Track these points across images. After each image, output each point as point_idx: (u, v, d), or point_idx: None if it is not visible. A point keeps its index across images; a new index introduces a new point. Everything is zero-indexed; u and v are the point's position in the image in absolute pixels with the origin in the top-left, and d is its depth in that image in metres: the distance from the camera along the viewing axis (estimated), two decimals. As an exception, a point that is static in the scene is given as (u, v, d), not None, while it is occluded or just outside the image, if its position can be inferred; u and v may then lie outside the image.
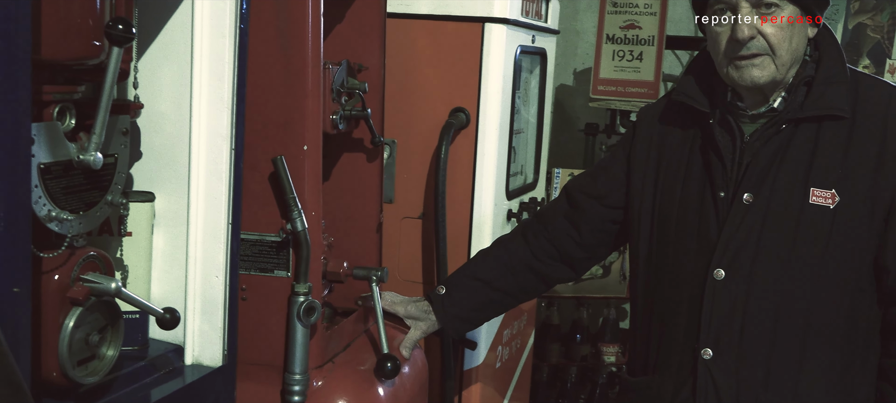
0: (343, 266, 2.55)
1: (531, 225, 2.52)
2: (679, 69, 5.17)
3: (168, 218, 1.93)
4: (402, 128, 3.14)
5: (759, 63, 1.97)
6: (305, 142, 2.26)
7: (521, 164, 3.53)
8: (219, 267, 1.91)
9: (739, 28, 1.94)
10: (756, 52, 1.97)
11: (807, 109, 1.99)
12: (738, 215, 2.01)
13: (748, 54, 1.97)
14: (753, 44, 1.96)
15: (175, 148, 1.90)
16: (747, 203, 2.01)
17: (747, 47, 1.96)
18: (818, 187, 1.95)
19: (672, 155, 2.19)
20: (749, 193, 2.01)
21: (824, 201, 1.94)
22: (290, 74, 2.24)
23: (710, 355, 2.04)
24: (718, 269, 2.02)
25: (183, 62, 1.85)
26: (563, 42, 5.29)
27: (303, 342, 2.28)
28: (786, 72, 2.00)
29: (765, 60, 1.97)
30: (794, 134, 2.00)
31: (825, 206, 1.94)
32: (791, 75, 2.03)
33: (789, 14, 1.94)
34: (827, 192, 1.94)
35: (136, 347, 1.90)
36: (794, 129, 2.00)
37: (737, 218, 2.01)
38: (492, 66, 3.04)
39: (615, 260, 4.16)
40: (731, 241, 2.01)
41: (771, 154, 2.01)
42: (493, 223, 3.15)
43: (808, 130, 1.99)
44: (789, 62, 1.99)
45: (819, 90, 1.99)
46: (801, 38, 1.99)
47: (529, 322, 3.83)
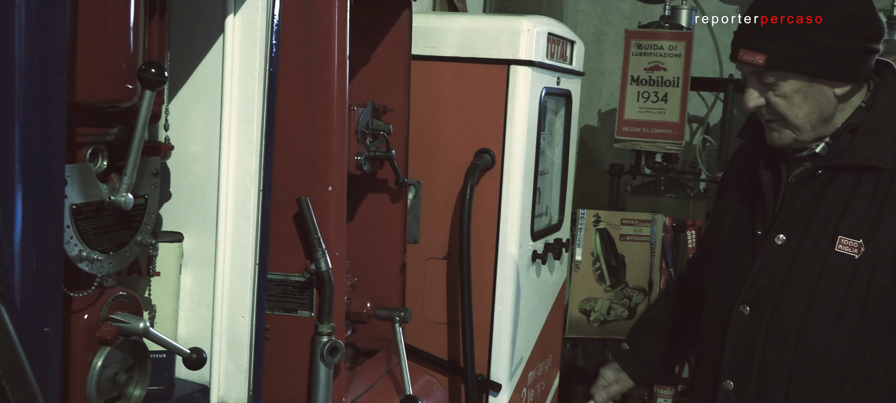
0: (367, 306, 2.56)
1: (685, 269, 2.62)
2: (704, 110, 5.17)
3: (196, 259, 1.95)
4: (427, 169, 3.15)
5: (776, 128, 2.02)
6: (330, 183, 2.28)
7: (546, 205, 3.53)
8: (245, 307, 1.92)
9: (746, 100, 2.03)
10: (770, 118, 2.02)
11: (844, 157, 1.99)
12: (769, 255, 2.04)
13: (766, 119, 2.03)
14: (766, 111, 2.01)
15: (204, 189, 1.92)
16: (779, 243, 2.03)
17: (761, 113, 2.03)
18: (846, 236, 1.95)
19: (733, 191, 2.25)
20: (782, 234, 2.03)
21: (850, 250, 1.94)
22: (315, 116, 2.26)
23: (731, 387, 2.09)
24: (744, 305, 2.06)
25: (213, 104, 1.88)
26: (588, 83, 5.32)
27: (326, 382, 2.29)
28: (809, 134, 2.01)
29: (779, 126, 2.01)
30: (833, 181, 2.00)
31: (850, 256, 1.94)
32: (831, 129, 2.02)
33: (792, 85, 1.96)
34: (854, 242, 1.94)
35: (163, 387, 1.91)
36: (833, 176, 2.00)
37: (767, 258, 2.05)
38: (517, 108, 3.05)
39: (641, 301, 4.14)
40: (758, 279, 2.05)
41: (807, 198, 2.02)
42: (518, 264, 3.15)
43: (848, 178, 1.99)
44: (808, 126, 1.99)
45: (861, 139, 1.98)
46: (819, 101, 1.97)
47: (554, 363, 3.81)
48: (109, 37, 1.54)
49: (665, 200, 4.74)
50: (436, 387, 2.87)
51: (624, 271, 4.14)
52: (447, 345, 3.22)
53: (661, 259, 4.23)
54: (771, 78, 1.97)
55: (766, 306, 2.03)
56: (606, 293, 4.11)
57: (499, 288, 3.12)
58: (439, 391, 2.88)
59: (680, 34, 4.55)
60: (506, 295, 3.13)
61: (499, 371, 3.15)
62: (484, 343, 3.14)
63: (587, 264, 4.07)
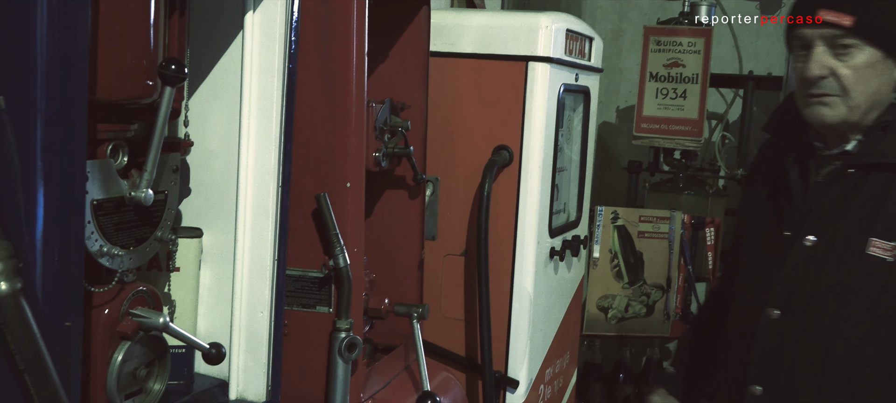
0: (384, 302, 2.57)
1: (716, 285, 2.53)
2: (723, 107, 5.14)
3: (215, 254, 1.96)
4: (445, 166, 3.15)
5: (829, 102, 1.91)
6: (348, 180, 2.28)
7: (564, 202, 3.52)
8: (264, 302, 1.93)
9: (810, 66, 1.90)
10: (827, 92, 1.91)
11: (877, 156, 1.93)
12: (799, 256, 1.98)
13: (818, 93, 1.91)
14: (825, 83, 1.90)
15: (223, 185, 1.93)
16: (808, 245, 1.97)
17: (819, 86, 1.91)
18: (880, 238, 1.88)
19: (759, 190, 2.17)
20: (812, 235, 1.97)
21: (883, 253, 1.88)
22: (334, 112, 2.27)
23: (758, 392, 2.02)
24: (773, 308, 1.99)
25: (232, 101, 1.89)
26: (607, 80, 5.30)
27: (344, 378, 2.29)
28: (861, 114, 1.92)
29: (835, 101, 1.90)
30: (865, 180, 1.93)
31: (882, 259, 1.88)
32: (871, 118, 1.95)
33: (868, 56, 1.87)
34: (888, 244, 1.87)
35: (182, 381, 1.92)
36: (865, 176, 1.93)
37: (797, 260, 1.98)
38: (535, 105, 3.05)
39: (659, 299, 4.13)
40: (787, 281, 1.99)
41: (837, 198, 1.95)
42: (536, 261, 3.14)
43: (881, 178, 1.91)
44: (865, 105, 1.91)
45: (893, 137, 1.92)
46: (883, 81, 1.90)
47: (572, 361, 3.80)
48: (130, 34, 1.55)
49: (684, 197, 4.71)
50: (453, 384, 2.88)
51: (642, 268, 4.12)
52: (465, 342, 3.22)
53: (679, 256, 4.21)
54: (851, 42, 1.85)
55: (796, 309, 1.96)
56: (624, 290, 4.10)
57: (516, 285, 3.12)
58: (457, 387, 2.88)
59: (699, 30, 4.53)
60: (523, 291, 3.13)
61: (516, 368, 3.15)
62: (501, 339, 3.14)
63: (605, 261, 4.05)
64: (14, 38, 1.26)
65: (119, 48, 1.53)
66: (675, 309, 4.25)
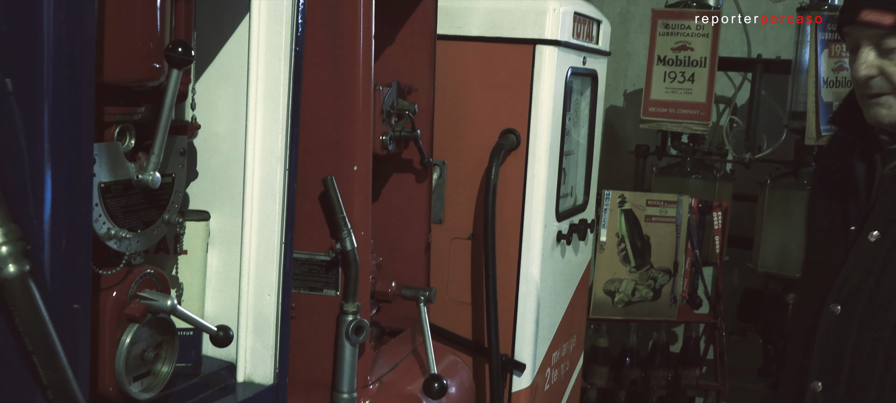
0: (391, 285, 2.57)
1: None
2: (731, 90, 5.12)
3: (222, 237, 1.96)
4: (452, 150, 3.15)
5: (884, 102, 1.84)
6: (355, 163, 2.28)
7: (571, 186, 3.51)
8: (271, 285, 1.93)
9: (858, 67, 1.85)
10: (878, 91, 1.84)
11: None
12: (862, 252, 1.91)
13: (871, 93, 1.85)
14: (875, 83, 1.84)
15: (230, 168, 1.93)
16: (872, 240, 1.89)
17: (869, 87, 1.85)
18: None
19: (825, 184, 2.11)
20: (876, 231, 1.89)
21: None
22: (341, 96, 2.26)
23: (819, 388, 1.97)
24: (835, 304, 1.94)
25: (239, 84, 1.89)
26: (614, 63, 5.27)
27: (351, 361, 2.30)
28: None
29: (889, 100, 1.84)
30: None
31: None
32: None
33: None
34: None
35: (190, 364, 1.93)
36: None
37: (860, 255, 1.91)
38: (543, 88, 3.04)
39: (666, 283, 4.12)
40: (850, 277, 1.92)
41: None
42: (543, 244, 3.14)
43: None
44: None
45: None
46: None
47: (578, 344, 3.80)
48: (137, 17, 1.55)
49: (691, 181, 4.70)
50: (460, 367, 2.88)
51: (649, 252, 4.12)
52: (471, 325, 3.23)
53: (686, 240, 4.20)
54: (894, 42, 1.80)
55: (858, 305, 1.90)
56: (631, 274, 4.10)
57: (523, 269, 3.12)
58: (463, 370, 2.89)
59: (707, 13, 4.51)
60: (530, 275, 3.13)
61: (523, 352, 3.15)
62: (508, 323, 3.14)
63: (612, 245, 4.05)
64: (21, 20, 1.26)
65: (126, 31, 1.53)
66: (681, 293, 4.25)
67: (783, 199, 4.52)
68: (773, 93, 4.76)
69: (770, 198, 4.55)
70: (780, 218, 4.53)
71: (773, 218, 4.55)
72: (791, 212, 4.49)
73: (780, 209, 4.53)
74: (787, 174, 4.58)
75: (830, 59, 4.21)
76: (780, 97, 4.70)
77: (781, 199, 4.52)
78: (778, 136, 4.66)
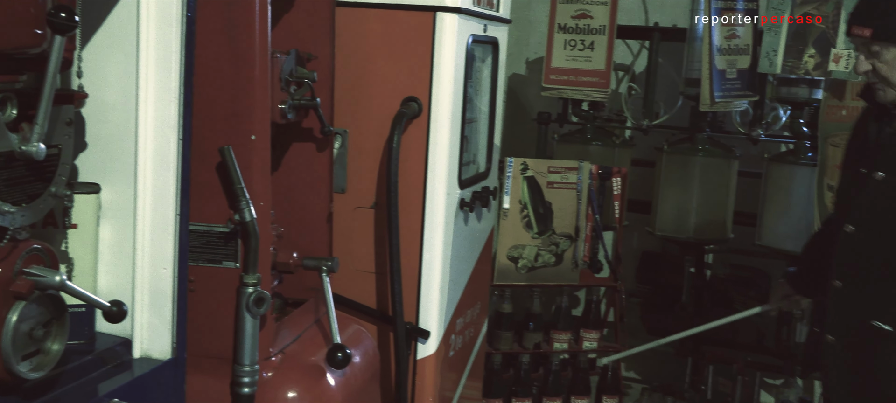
0: (293, 256, 2.55)
1: None
2: (630, 58, 5.22)
3: (114, 210, 1.90)
4: (354, 118, 3.13)
5: (880, 88, 2.54)
6: (253, 132, 2.25)
7: (473, 153, 3.54)
8: (167, 258, 1.89)
9: (856, 66, 2.57)
10: (874, 81, 2.55)
11: None
12: (870, 187, 2.58)
13: (871, 83, 2.56)
14: (872, 74, 2.53)
15: (121, 138, 1.87)
16: (878, 179, 2.56)
17: (868, 78, 2.56)
18: None
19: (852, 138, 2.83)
20: (881, 172, 2.56)
21: None
22: (237, 63, 2.22)
23: (839, 286, 2.65)
24: (849, 225, 2.62)
25: (129, 51, 1.83)
26: (516, 31, 5.31)
27: (252, 333, 2.27)
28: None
29: (882, 87, 2.53)
30: None
31: None
32: None
33: (893, 55, 2.47)
34: None
35: (83, 341, 1.88)
36: None
37: (869, 190, 2.58)
38: (444, 55, 3.04)
39: (568, 248, 4.20)
40: (860, 206, 2.61)
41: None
42: (446, 212, 3.16)
43: None
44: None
45: None
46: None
47: (483, 310, 3.85)
48: (16, -21, 1.48)
49: (592, 148, 4.78)
50: (364, 336, 2.88)
51: (551, 218, 4.18)
52: (376, 294, 3.23)
53: (587, 206, 4.28)
54: (876, 47, 2.47)
55: (866, 226, 2.59)
56: (534, 240, 4.15)
57: (427, 237, 3.14)
58: (368, 339, 2.89)
59: (606, -18, 4.56)
60: (434, 243, 3.14)
61: (427, 319, 3.17)
62: (412, 291, 3.15)
63: (515, 212, 4.10)
64: None
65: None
66: (583, 257, 4.33)
67: (680, 164, 4.64)
68: (669, 60, 4.87)
69: (667, 164, 4.67)
70: (677, 182, 4.65)
71: (670, 183, 4.67)
72: (687, 177, 4.62)
73: (677, 174, 4.65)
74: (683, 139, 4.70)
75: (723, 27, 4.32)
76: (676, 65, 4.81)
77: (678, 164, 4.64)
78: (674, 103, 4.77)
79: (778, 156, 4.59)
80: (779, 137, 4.64)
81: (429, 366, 3.20)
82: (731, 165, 4.61)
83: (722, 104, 4.34)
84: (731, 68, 4.35)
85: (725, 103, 4.36)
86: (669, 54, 4.86)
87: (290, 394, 2.39)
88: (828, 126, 4.09)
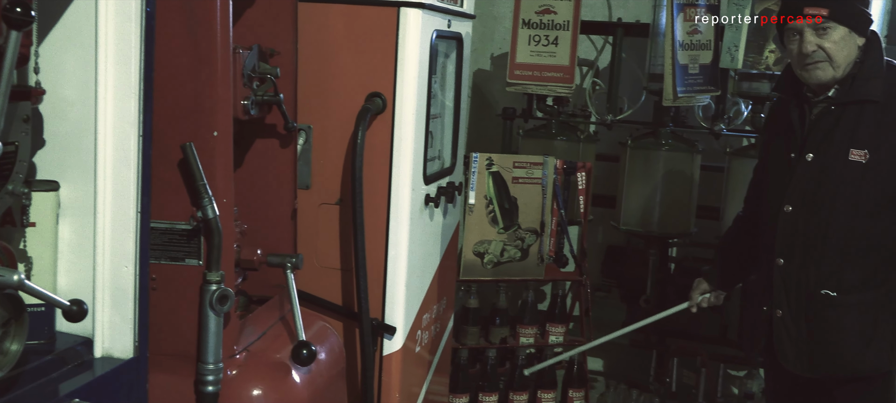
0: (257, 253, 2.53)
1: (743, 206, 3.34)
2: (593, 54, 5.25)
3: (74, 208, 1.88)
4: (318, 114, 3.11)
5: (822, 66, 2.78)
6: (215, 129, 2.23)
7: (438, 149, 3.54)
8: (128, 256, 1.87)
9: (805, 44, 2.78)
10: (818, 60, 2.78)
11: (850, 96, 2.79)
12: (801, 169, 2.84)
13: (812, 61, 2.79)
14: (816, 54, 2.77)
15: (80, 135, 1.85)
16: (809, 160, 2.83)
17: (812, 57, 2.78)
18: (856, 148, 2.74)
19: (772, 133, 3.08)
20: (811, 154, 2.82)
21: (859, 158, 2.74)
22: (198, 59, 2.20)
23: (781, 263, 2.89)
24: (788, 205, 2.86)
25: (87, 47, 1.81)
26: (481, 27, 5.32)
27: (216, 331, 2.26)
28: (842, 72, 2.78)
29: (824, 65, 2.78)
30: (843, 113, 2.80)
31: (859, 162, 2.74)
32: (844, 73, 2.79)
33: (841, 33, 2.75)
34: (861, 151, 2.74)
35: (43, 341, 1.85)
36: (843, 110, 2.80)
37: (802, 171, 2.84)
38: (408, 51, 3.03)
39: (533, 243, 4.21)
40: (797, 186, 2.85)
41: (826, 127, 2.81)
42: (411, 208, 3.15)
43: (854, 110, 2.78)
44: (843, 65, 2.78)
45: (859, 83, 2.79)
46: (851, 48, 2.78)
47: (449, 306, 3.85)
48: (-31, -26, 1.46)
49: (557, 143, 4.80)
50: (329, 332, 2.87)
51: (516, 213, 4.19)
52: (341, 291, 3.22)
53: (552, 201, 4.30)
54: (827, 25, 2.73)
55: (803, 205, 2.83)
56: (500, 235, 4.17)
57: (392, 233, 3.13)
58: (333, 336, 2.88)
59: (570, -22, 4.58)
60: (399, 239, 3.14)
61: (393, 315, 3.17)
62: (378, 287, 3.15)
63: (480, 207, 4.10)
64: None
65: (-43, -11, 1.44)
66: (548, 252, 4.35)
67: (643, 159, 4.68)
68: (632, 56, 4.90)
69: (631, 158, 4.70)
70: (641, 177, 4.69)
71: (634, 178, 4.71)
72: (651, 172, 4.66)
73: (641, 168, 4.69)
74: (647, 134, 4.74)
75: (686, 23, 4.36)
76: (639, 60, 4.84)
77: (642, 159, 4.68)
78: (638, 98, 4.81)
79: (740, 150, 4.64)
80: (740, 132, 4.69)
81: (395, 362, 3.20)
82: (693, 159, 4.66)
83: (684, 99, 4.38)
84: (693, 63, 4.40)
85: (688, 98, 4.40)
86: (633, 50, 4.90)
87: (255, 392, 2.38)
88: (788, 120, 4.14)
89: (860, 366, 2.84)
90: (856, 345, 2.82)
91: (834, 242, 2.81)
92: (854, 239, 2.80)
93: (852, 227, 2.79)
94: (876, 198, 2.77)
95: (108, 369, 1.85)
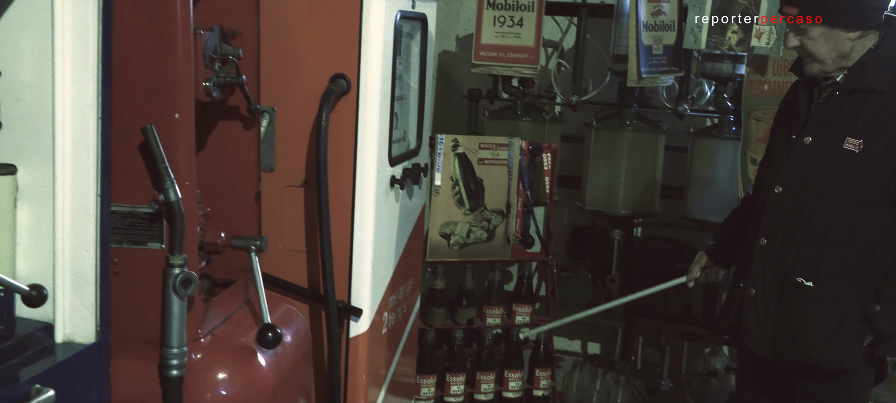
0: (221, 236, 2.52)
1: None
2: (559, 35, 5.25)
3: (33, 192, 1.85)
4: (281, 96, 3.09)
5: (808, 62, 2.79)
6: (177, 111, 2.21)
7: (403, 131, 3.53)
8: (89, 240, 1.85)
9: (786, 42, 2.82)
10: (802, 55, 2.80)
11: (855, 84, 2.75)
12: (799, 151, 2.82)
13: (801, 56, 2.82)
14: (799, 50, 2.79)
15: (38, 118, 1.82)
16: (806, 144, 2.80)
17: (798, 52, 2.81)
18: (852, 137, 2.71)
19: (781, 111, 3.05)
20: (809, 137, 2.80)
21: (853, 147, 2.71)
22: (158, 40, 2.17)
23: (765, 243, 2.88)
24: (778, 186, 2.85)
25: (43, 28, 1.78)
26: (446, 8, 5.30)
27: (179, 315, 2.24)
28: (831, 63, 2.76)
29: (809, 60, 2.78)
30: (848, 99, 2.76)
31: (852, 151, 2.70)
32: (849, 62, 2.76)
33: (818, 31, 2.71)
34: (856, 141, 2.70)
35: (2, 327, 1.83)
36: (848, 96, 2.77)
37: (796, 154, 2.82)
38: (372, 32, 3.02)
39: (499, 224, 4.22)
40: (789, 168, 2.83)
41: (829, 112, 2.79)
42: (377, 190, 3.14)
43: (858, 98, 2.75)
44: (830, 59, 2.75)
45: (867, 70, 2.74)
46: (838, 42, 2.72)
47: (415, 287, 3.85)
48: (-81, -47, 1.42)
49: (522, 124, 4.81)
50: (295, 315, 2.86)
51: (483, 194, 4.20)
52: (307, 273, 3.21)
53: (518, 182, 4.31)
54: (802, 25, 2.71)
55: (793, 187, 2.81)
56: (466, 216, 4.17)
57: (357, 215, 3.12)
58: (299, 318, 2.88)
59: (535, -42, 4.58)
60: (365, 221, 3.13)
61: (360, 297, 3.17)
62: (344, 269, 3.14)
63: (446, 189, 4.11)
64: None
65: None
66: (514, 232, 4.36)
67: (608, 140, 4.70)
68: (597, 37, 4.92)
69: (596, 139, 4.72)
70: (605, 158, 4.72)
71: (599, 158, 4.73)
72: (616, 152, 4.68)
73: (606, 149, 4.71)
74: (611, 115, 4.76)
75: (650, 3, 4.38)
76: (604, 41, 4.86)
77: (606, 140, 4.70)
78: (602, 79, 4.82)
79: (703, 130, 4.68)
80: (704, 112, 4.73)
81: (361, 344, 3.19)
82: (658, 140, 4.69)
83: (649, 80, 4.40)
84: (657, 44, 4.42)
85: (652, 79, 4.42)
86: (597, 31, 4.91)
87: (220, 375, 2.37)
88: (751, 100, 4.19)
89: (819, 358, 2.83)
90: (818, 337, 2.81)
91: (816, 228, 2.78)
92: (835, 228, 2.76)
93: (836, 216, 2.76)
94: (862, 190, 2.73)
95: (70, 354, 1.84)
